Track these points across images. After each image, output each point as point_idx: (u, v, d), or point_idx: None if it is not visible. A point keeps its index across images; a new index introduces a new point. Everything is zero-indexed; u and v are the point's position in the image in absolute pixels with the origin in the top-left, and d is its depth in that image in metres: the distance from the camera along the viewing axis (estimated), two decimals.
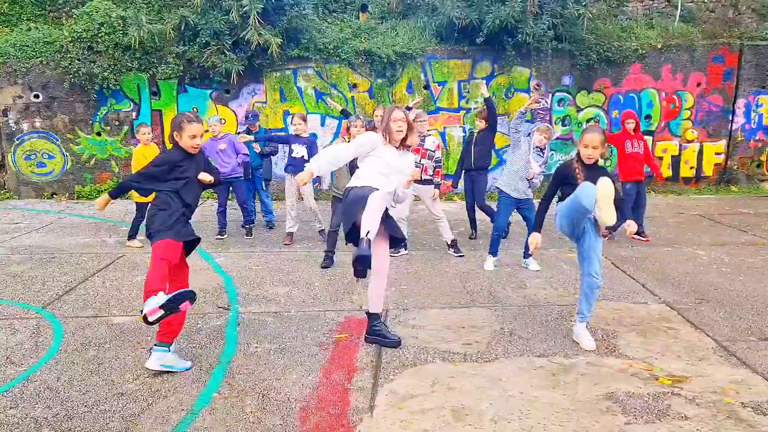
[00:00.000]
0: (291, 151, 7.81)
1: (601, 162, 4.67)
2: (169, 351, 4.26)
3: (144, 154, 7.56)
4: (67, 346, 4.72)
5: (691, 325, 5.12)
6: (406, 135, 4.63)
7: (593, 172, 4.45)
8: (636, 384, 4.06)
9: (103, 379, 4.16)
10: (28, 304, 5.67)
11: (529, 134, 6.78)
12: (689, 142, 11.78)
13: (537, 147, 6.90)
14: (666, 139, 11.74)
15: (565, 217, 4.53)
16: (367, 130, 6.42)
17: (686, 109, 11.64)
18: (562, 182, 4.56)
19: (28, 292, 6.00)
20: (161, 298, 3.92)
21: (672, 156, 11.82)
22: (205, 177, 4.45)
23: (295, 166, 7.64)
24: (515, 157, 6.64)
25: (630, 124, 8.09)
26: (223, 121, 8.30)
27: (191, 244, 4.43)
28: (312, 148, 7.79)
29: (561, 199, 4.64)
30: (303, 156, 7.65)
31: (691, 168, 11.93)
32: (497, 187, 6.85)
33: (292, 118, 7.95)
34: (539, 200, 4.86)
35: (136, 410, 3.75)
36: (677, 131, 11.72)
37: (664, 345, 4.71)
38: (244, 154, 8.06)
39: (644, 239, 8.01)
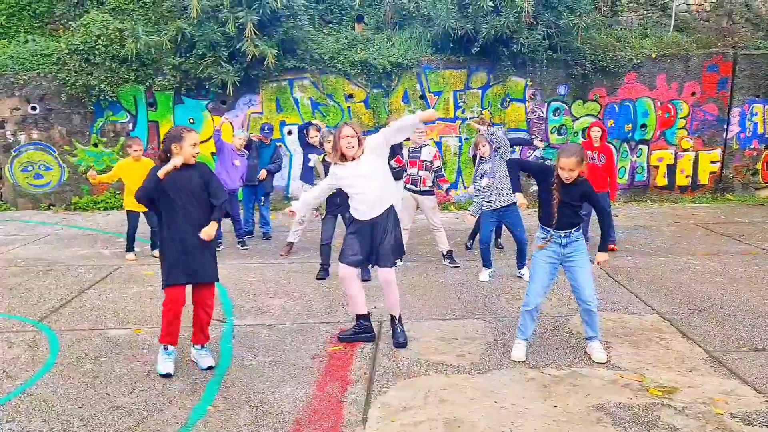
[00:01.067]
0: (307, 160, 7.99)
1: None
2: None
3: (133, 168, 7.51)
4: (63, 359, 4.75)
5: (682, 336, 5.15)
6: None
7: (568, 189, 4.45)
8: (627, 395, 4.09)
9: (98, 392, 4.19)
10: (25, 317, 5.70)
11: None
12: (684, 150, 11.84)
13: (482, 157, 6.89)
14: (661, 148, 11.80)
15: None
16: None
17: (681, 118, 11.71)
18: (540, 177, 4.57)
19: (24, 305, 6.03)
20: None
21: (668, 165, 11.88)
22: (210, 233, 4.35)
23: (311, 175, 7.77)
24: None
25: (596, 133, 7.95)
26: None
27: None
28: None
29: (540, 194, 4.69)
30: None
31: (687, 177, 11.98)
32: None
33: (308, 130, 8.08)
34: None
35: (131, 423, 3.78)
36: (673, 140, 11.79)
37: (656, 356, 4.74)
38: (239, 185, 8.23)
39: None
